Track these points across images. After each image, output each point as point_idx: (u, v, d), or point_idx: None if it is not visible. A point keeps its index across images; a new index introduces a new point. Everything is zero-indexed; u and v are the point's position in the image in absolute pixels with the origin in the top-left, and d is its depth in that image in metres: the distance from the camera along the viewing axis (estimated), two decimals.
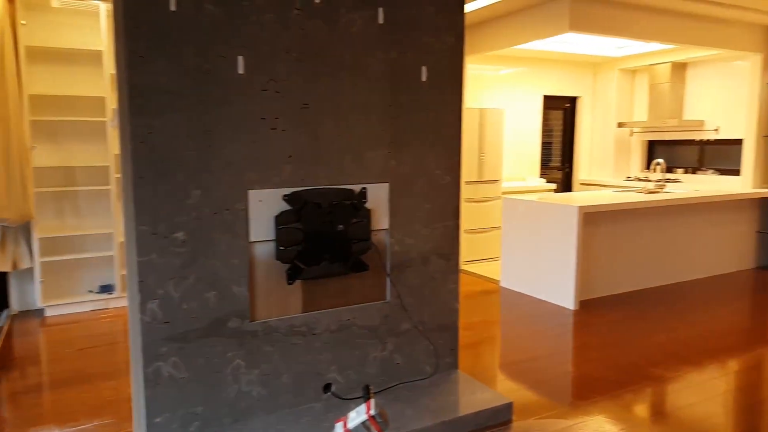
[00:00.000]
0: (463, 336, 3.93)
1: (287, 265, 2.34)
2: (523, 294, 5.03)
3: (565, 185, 7.90)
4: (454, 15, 2.64)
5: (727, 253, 5.79)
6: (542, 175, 7.57)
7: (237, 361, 2.35)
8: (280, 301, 2.40)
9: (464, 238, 6.11)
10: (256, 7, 2.20)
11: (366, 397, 1.88)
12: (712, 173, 6.66)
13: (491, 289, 5.24)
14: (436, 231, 2.78)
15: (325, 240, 2.35)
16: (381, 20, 2.45)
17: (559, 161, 7.89)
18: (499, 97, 6.99)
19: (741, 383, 3.27)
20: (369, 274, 2.57)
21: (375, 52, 2.47)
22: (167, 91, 2.08)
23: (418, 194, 2.70)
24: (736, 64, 6.33)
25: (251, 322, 2.35)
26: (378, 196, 2.56)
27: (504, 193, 6.35)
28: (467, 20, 5.38)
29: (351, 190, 2.45)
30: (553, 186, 7.17)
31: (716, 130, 6.56)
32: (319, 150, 2.39)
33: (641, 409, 2.90)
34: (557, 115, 7.76)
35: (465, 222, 6.12)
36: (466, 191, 6.12)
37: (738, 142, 6.20)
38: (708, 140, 6.74)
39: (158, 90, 2.07)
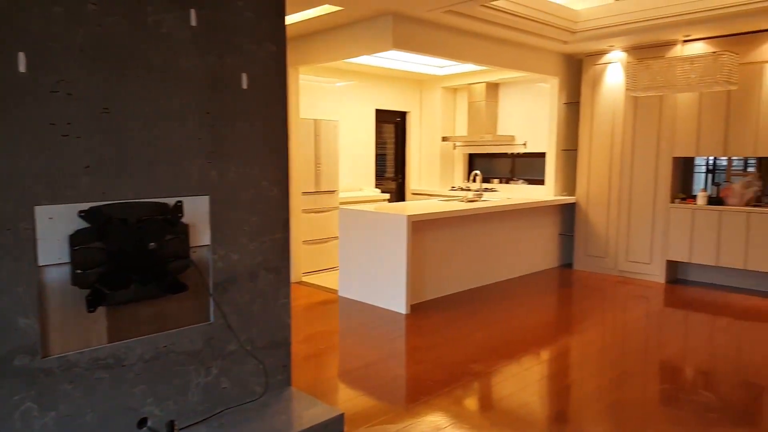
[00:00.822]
0: (301, 349, 3.86)
1: (87, 291, 2.06)
2: (360, 302, 5.11)
3: (399, 195, 8.26)
4: (274, 22, 2.58)
5: (537, 253, 6.49)
6: (377, 185, 7.82)
7: (27, 403, 2.01)
8: (80, 332, 2.11)
9: (303, 249, 6.05)
10: None
11: None
12: (522, 183, 7.44)
13: (329, 300, 5.24)
14: (265, 245, 2.68)
15: (133, 260, 2.12)
16: (194, 22, 2.30)
17: (392, 172, 8.22)
18: (336, 109, 7.09)
19: (551, 371, 3.65)
20: (189, 294, 2.38)
21: (189, 56, 2.31)
22: None
23: (244, 207, 2.58)
24: (539, 85, 7.16)
25: (44, 358, 2.03)
26: (197, 210, 2.39)
27: (341, 203, 6.43)
28: (297, 30, 5.36)
29: (164, 204, 2.25)
30: (388, 196, 7.45)
31: (524, 144, 7.35)
32: (124, 160, 2.15)
33: (467, 404, 3.08)
34: (390, 128, 8.09)
35: (303, 233, 6.06)
36: (303, 202, 6.07)
37: (542, 155, 7.00)
38: (518, 153, 7.52)
39: None
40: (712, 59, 4.59)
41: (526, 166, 7.53)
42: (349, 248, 5.24)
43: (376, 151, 7.75)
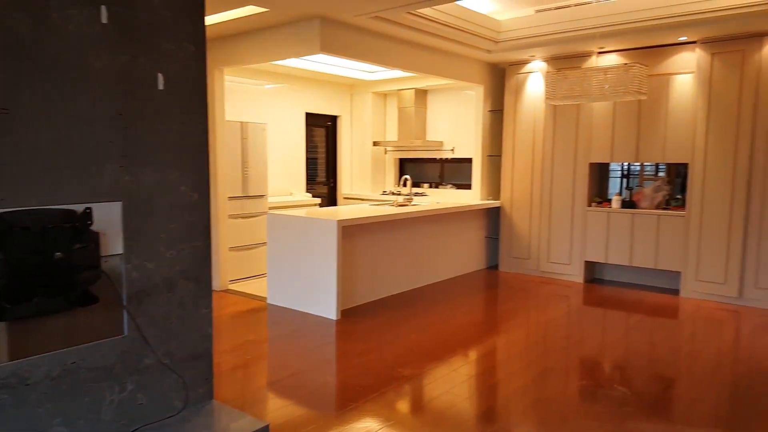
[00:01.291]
0: (227, 360, 3.74)
1: None
2: (290, 309, 5.02)
3: (331, 199, 8.21)
4: (193, 22, 2.48)
5: (465, 256, 6.64)
6: (308, 189, 7.73)
7: None
8: None
9: (229, 256, 5.88)
10: None
11: None
12: (451, 187, 7.60)
13: (258, 307, 5.12)
14: (184, 252, 2.57)
15: (37, 271, 1.98)
16: (105, 19, 2.18)
17: (324, 176, 8.16)
18: (264, 112, 6.95)
19: (478, 371, 3.73)
20: (100, 306, 2.24)
21: (99, 55, 2.18)
22: None
23: (161, 213, 2.46)
24: (465, 93, 7.34)
25: None
26: (108, 217, 2.26)
27: (271, 208, 6.31)
28: (222, 30, 5.22)
29: (71, 211, 2.11)
30: (319, 200, 7.39)
31: (452, 150, 7.51)
32: (25, 164, 2.00)
33: (397, 408, 3.09)
34: (321, 132, 8.04)
35: (230, 239, 5.89)
36: (230, 207, 5.90)
37: (469, 161, 7.18)
38: (447, 159, 7.68)
39: None
40: (624, 70, 4.86)
41: (454, 171, 7.70)
42: (277, 254, 5.15)
43: (307, 155, 7.68)
